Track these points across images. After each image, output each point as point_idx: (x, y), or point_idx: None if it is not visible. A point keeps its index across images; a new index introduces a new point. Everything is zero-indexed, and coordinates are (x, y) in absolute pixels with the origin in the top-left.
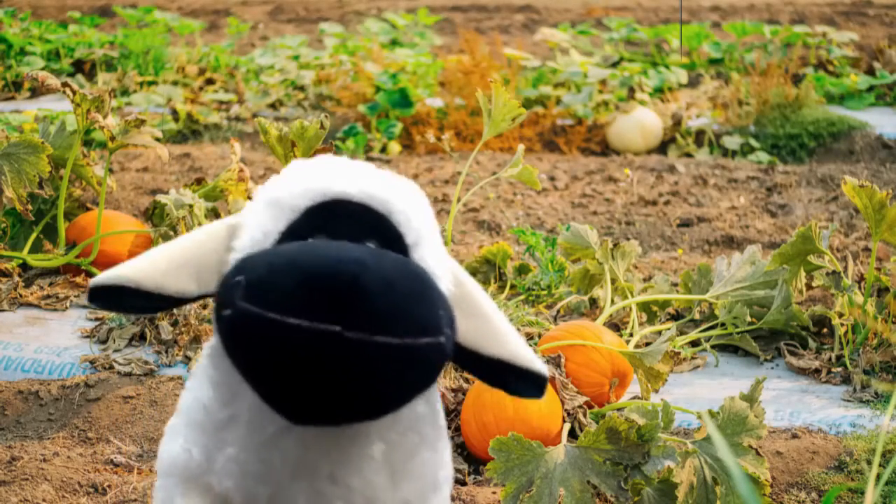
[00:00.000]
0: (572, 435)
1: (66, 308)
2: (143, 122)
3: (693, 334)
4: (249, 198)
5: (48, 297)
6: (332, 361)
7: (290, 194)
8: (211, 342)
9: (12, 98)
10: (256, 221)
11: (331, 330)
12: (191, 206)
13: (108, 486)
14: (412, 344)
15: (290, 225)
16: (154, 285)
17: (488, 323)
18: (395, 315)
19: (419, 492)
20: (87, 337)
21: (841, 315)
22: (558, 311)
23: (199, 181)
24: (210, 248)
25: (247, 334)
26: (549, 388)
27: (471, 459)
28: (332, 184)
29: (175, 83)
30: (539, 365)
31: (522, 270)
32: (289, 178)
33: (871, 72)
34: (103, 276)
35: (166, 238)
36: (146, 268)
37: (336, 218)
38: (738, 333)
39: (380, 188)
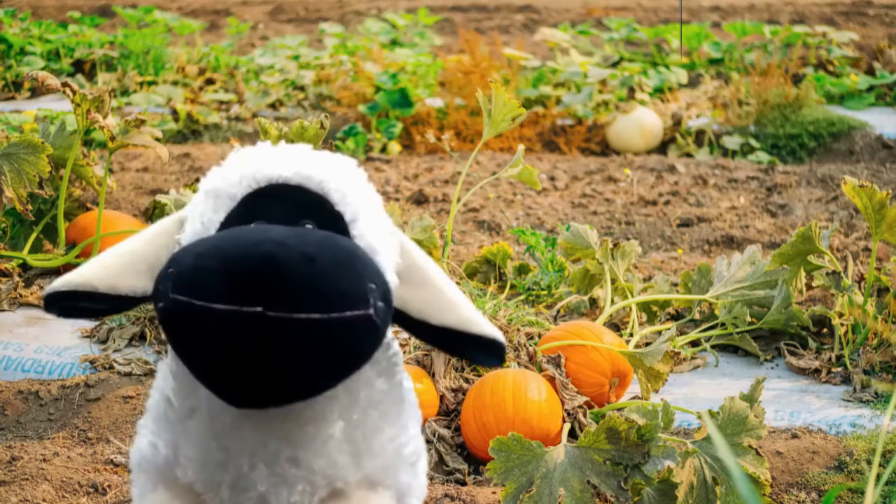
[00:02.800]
0: (572, 435)
1: None
2: (143, 122)
3: (693, 334)
4: None
5: None
6: (258, 342)
7: (228, 183)
8: None
9: (12, 98)
10: (198, 213)
11: (253, 311)
12: None
13: (108, 486)
14: (338, 318)
15: (230, 213)
16: (107, 286)
17: (438, 293)
18: (317, 291)
19: (384, 468)
20: (87, 337)
21: (841, 315)
22: (558, 311)
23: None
24: (160, 243)
25: (179, 324)
26: (549, 387)
27: (471, 459)
28: (268, 169)
29: (175, 83)
30: (492, 331)
31: (522, 270)
32: (227, 167)
33: (871, 72)
34: (57, 283)
35: None
36: (98, 270)
37: (273, 202)
38: (738, 333)
39: (315, 169)
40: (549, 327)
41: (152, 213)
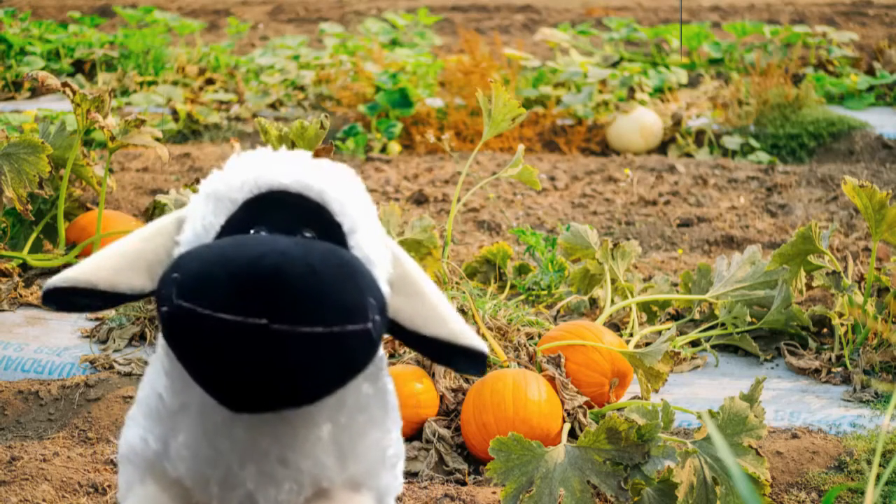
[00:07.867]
0: (572, 435)
1: None
2: (143, 122)
3: (693, 334)
4: None
5: None
6: (260, 353)
7: (229, 187)
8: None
9: (12, 98)
10: (199, 215)
11: (258, 323)
12: None
13: (108, 486)
14: (339, 332)
15: (230, 217)
16: (106, 284)
17: (427, 303)
18: (320, 304)
19: (367, 470)
20: (87, 337)
21: (841, 315)
22: (558, 311)
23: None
24: (159, 243)
25: (183, 329)
26: (549, 387)
27: (471, 459)
28: (269, 175)
29: (175, 83)
30: (478, 342)
31: (522, 270)
32: (228, 170)
33: (871, 72)
34: (56, 279)
35: None
36: (97, 268)
37: (273, 209)
38: (738, 333)
39: (315, 178)
40: (549, 327)
41: (152, 213)
